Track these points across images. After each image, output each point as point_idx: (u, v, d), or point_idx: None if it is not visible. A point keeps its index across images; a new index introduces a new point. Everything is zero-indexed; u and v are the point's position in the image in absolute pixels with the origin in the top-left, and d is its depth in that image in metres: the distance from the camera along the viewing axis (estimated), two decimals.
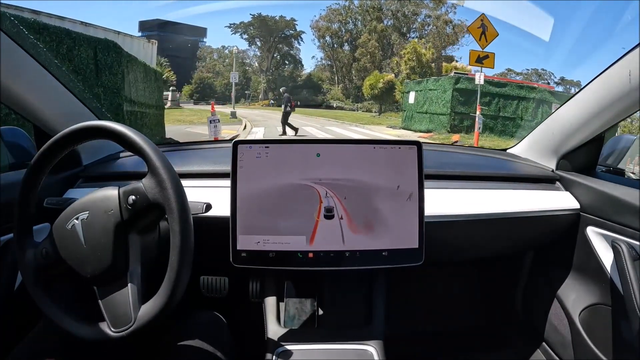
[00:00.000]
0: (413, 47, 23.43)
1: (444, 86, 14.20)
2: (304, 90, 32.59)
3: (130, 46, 11.75)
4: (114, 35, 11.54)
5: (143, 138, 0.77)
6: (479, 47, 12.71)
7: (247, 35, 33.90)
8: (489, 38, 12.66)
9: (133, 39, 13.28)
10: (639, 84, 0.91)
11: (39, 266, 0.80)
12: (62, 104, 1.11)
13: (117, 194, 0.77)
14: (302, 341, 1.00)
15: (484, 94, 13.12)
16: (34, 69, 1.00)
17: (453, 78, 14.16)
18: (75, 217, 0.77)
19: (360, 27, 32.09)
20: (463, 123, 13.51)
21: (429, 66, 23.12)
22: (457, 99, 13.63)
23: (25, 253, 0.81)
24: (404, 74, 22.69)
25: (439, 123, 14.08)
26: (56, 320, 0.79)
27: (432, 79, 15.71)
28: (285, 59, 34.54)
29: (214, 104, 13.00)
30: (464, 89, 13.64)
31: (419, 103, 15.38)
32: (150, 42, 14.82)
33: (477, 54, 12.71)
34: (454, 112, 13.62)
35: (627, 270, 0.96)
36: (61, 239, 0.78)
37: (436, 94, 14.41)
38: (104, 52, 7.63)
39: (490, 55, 12.65)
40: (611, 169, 1.25)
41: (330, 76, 33.55)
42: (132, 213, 0.76)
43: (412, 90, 16.26)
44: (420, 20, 29.91)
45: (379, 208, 0.95)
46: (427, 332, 1.55)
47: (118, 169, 1.18)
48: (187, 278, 0.74)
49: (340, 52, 33.23)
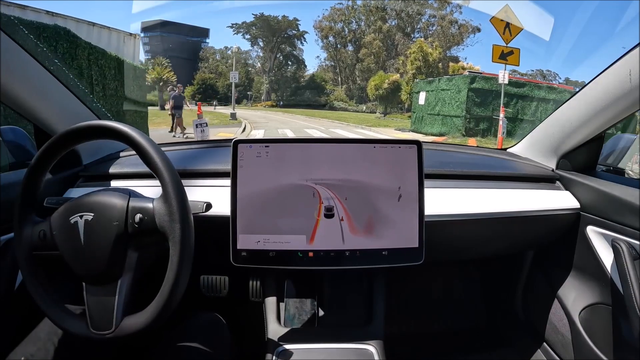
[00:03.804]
0: (419, 47, 23.01)
1: (458, 86, 13.18)
2: (307, 91, 32.50)
3: (108, 40, 11.03)
4: (87, 26, 10.67)
5: (157, 151, 0.76)
6: (503, 41, 11.63)
7: (249, 35, 33.82)
8: (513, 32, 11.61)
9: (111, 32, 12.10)
10: (639, 84, 0.91)
11: (34, 245, 0.80)
12: (62, 104, 1.12)
13: (126, 207, 0.76)
14: (302, 341, 1.00)
15: (500, 95, 12.21)
16: (34, 68, 1.01)
17: (468, 77, 13.11)
18: (79, 214, 0.77)
19: (363, 27, 32.03)
20: (479, 126, 12.64)
21: (436, 66, 22.78)
22: (473, 100, 12.67)
23: (24, 227, 0.80)
24: (410, 74, 22.33)
25: (453, 126, 13.18)
26: (41, 305, 0.79)
27: (444, 78, 14.64)
28: (288, 60, 34.48)
29: (201, 104, 12.53)
30: (480, 88, 12.67)
31: (430, 104, 14.42)
32: (133, 36, 13.47)
33: (500, 50, 11.66)
34: (469, 114, 12.69)
35: (627, 270, 0.96)
36: (61, 230, 0.78)
37: (449, 94, 13.42)
38: (50, 41, 6.71)
39: (515, 51, 11.62)
40: (611, 169, 1.26)
41: (334, 77, 33.48)
42: (136, 230, 0.76)
43: (422, 90, 15.25)
44: (424, 20, 29.78)
45: (379, 207, 0.95)
46: (427, 332, 1.55)
47: (118, 169, 1.18)
48: (176, 301, 0.74)
49: (343, 52, 33.17)
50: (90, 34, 10.34)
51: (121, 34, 12.62)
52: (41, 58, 1.01)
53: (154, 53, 31.43)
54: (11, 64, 0.93)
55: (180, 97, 12.05)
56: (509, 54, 11.58)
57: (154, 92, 23.49)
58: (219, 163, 1.16)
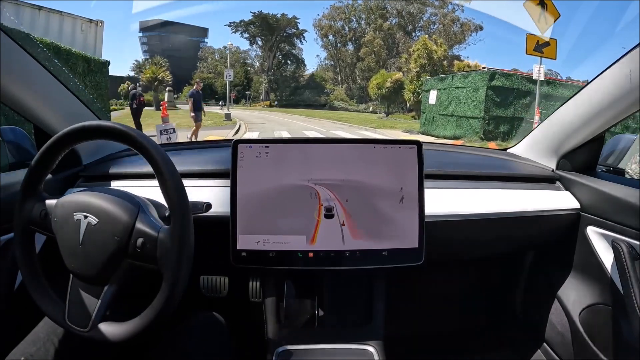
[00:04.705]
0: (424, 43, 22.19)
1: (474, 83, 11.69)
2: (306, 90, 32.26)
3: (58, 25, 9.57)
4: (31, 10, 9.27)
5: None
6: (538, 30, 9.96)
7: (247, 34, 33.42)
8: (549, 19, 9.97)
9: (63, 17, 10.31)
10: (639, 84, 0.91)
11: (33, 219, 0.80)
12: (62, 104, 1.11)
13: (131, 227, 0.75)
14: (302, 341, 1.00)
15: (523, 94, 11.21)
16: (35, 69, 1.01)
17: (487, 73, 11.64)
18: (84, 214, 0.76)
19: (364, 25, 31.79)
20: (499, 128, 11.26)
21: (441, 64, 22.03)
22: (492, 99, 11.25)
23: (27, 201, 0.81)
24: (414, 72, 21.60)
25: (469, 128, 11.78)
26: (24, 277, 0.79)
27: (459, 75, 13.26)
28: (287, 59, 34.17)
29: (166, 105, 10.75)
30: (500, 86, 11.26)
31: (443, 103, 12.98)
32: (95, 23, 11.57)
33: (535, 40, 9.99)
34: (488, 115, 11.25)
35: (627, 270, 0.96)
36: (62, 220, 0.77)
37: (465, 93, 11.99)
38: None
39: (551, 42, 10.00)
40: (611, 169, 1.25)
41: (334, 76, 33.23)
42: (134, 252, 0.75)
43: (432, 89, 13.74)
44: (425, 19, 29.50)
45: (379, 208, 0.95)
46: (427, 332, 1.55)
47: (118, 169, 1.18)
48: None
49: (343, 51, 32.92)
50: (35, 20, 9.03)
51: (78, 21, 10.93)
52: (41, 58, 1.01)
53: (153, 53, 31.37)
54: (11, 64, 0.93)
55: (199, 94, 10.37)
56: (544, 46, 10.00)
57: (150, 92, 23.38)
58: (219, 163, 1.16)
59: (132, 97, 11.10)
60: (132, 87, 15.01)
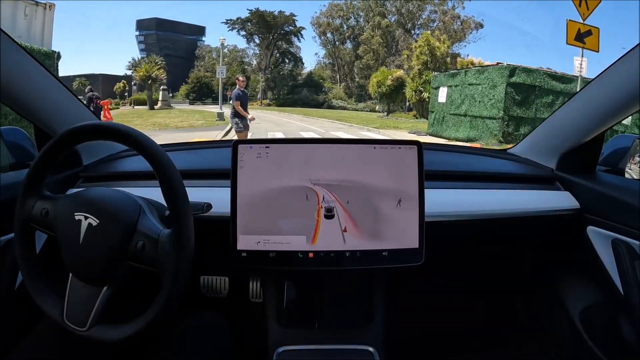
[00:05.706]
0: (426, 39, 21.28)
1: (492, 80, 10.45)
2: (304, 89, 31.97)
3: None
4: None
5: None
6: (579, 16, 8.63)
7: (244, 32, 33.02)
8: (590, 5, 8.64)
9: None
10: (639, 84, 0.91)
11: (33, 217, 0.79)
12: (62, 105, 1.11)
13: (132, 228, 0.75)
14: (302, 342, 1.01)
15: (545, 92, 10.02)
16: (35, 69, 1.00)
17: (506, 68, 10.22)
18: (85, 214, 0.75)
19: (362, 23, 31.54)
20: (519, 130, 9.96)
21: (444, 61, 21.22)
22: (512, 98, 10.05)
23: (28, 198, 0.80)
24: (416, 70, 20.63)
25: (485, 129, 10.60)
26: (22, 271, 0.79)
27: (472, 70, 11.83)
28: (284, 57, 33.84)
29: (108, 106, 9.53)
30: (521, 83, 10.02)
31: (454, 102, 11.81)
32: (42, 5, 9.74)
33: (577, 28, 8.64)
34: (508, 116, 10.04)
35: (627, 270, 0.96)
36: (62, 220, 0.77)
37: (480, 90, 10.74)
38: None
39: (594, 31, 8.66)
40: (611, 169, 1.25)
41: (332, 75, 33.01)
42: (135, 254, 0.75)
43: (442, 86, 12.53)
44: (425, 17, 29.16)
45: (379, 208, 0.95)
46: (427, 332, 1.55)
47: (118, 169, 1.18)
48: (161, 322, 0.74)
49: (342, 49, 32.66)
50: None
51: (20, 3, 9.04)
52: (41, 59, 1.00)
53: (150, 51, 31.26)
54: (11, 65, 0.92)
55: (245, 96, 8.03)
56: (586, 34, 8.69)
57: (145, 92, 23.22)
58: (219, 163, 1.16)
59: (88, 101, 10.39)
60: (88, 90, 14.14)
